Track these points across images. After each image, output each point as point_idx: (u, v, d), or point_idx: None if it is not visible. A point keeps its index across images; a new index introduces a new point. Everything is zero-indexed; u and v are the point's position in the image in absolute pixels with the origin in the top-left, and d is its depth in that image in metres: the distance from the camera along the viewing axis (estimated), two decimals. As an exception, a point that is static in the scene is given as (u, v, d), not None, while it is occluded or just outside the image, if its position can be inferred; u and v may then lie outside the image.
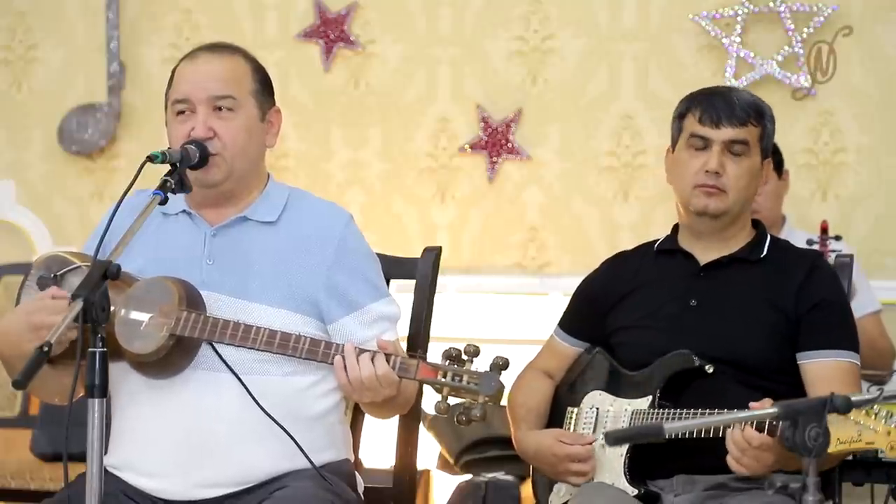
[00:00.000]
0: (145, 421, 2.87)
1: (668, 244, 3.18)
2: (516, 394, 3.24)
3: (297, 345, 2.77)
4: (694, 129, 3.07)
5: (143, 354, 2.78)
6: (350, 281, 2.92)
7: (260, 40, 5.33)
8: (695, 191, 3.06)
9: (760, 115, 3.08)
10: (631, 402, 3.03)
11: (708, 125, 3.05)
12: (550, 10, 5.18)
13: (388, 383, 2.74)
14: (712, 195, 3.05)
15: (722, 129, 3.04)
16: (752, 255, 3.09)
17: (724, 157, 3.04)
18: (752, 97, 3.12)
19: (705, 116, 3.06)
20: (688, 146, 3.09)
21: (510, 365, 2.67)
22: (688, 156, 3.08)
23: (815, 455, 2.23)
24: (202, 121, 2.88)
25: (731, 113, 3.04)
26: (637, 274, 3.16)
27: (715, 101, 3.07)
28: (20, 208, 5.64)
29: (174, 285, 2.80)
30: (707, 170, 3.03)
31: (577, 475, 3.03)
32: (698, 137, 3.06)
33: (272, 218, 2.95)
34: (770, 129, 3.11)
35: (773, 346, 2.99)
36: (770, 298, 3.02)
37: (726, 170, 3.04)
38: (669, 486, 2.98)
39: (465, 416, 2.66)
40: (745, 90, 3.16)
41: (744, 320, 3.01)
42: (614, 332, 3.15)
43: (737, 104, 3.05)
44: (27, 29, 5.66)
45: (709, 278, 3.09)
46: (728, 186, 3.04)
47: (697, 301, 3.06)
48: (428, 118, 5.30)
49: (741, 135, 3.04)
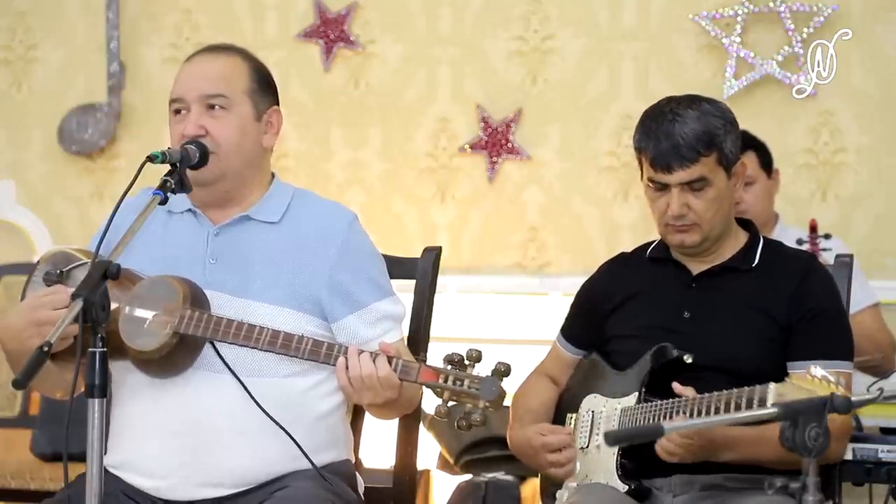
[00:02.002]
0: (146, 420, 2.87)
1: (660, 252, 3.16)
2: (519, 395, 3.25)
3: (299, 345, 2.77)
4: (649, 174, 3.02)
5: (145, 352, 2.78)
6: (353, 280, 2.92)
7: (260, 40, 5.33)
8: (667, 228, 3.04)
9: (710, 143, 2.98)
10: (620, 400, 3.03)
11: (660, 171, 2.99)
12: (550, 10, 5.18)
13: (389, 385, 2.73)
14: (684, 231, 3.02)
15: (674, 174, 2.98)
16: (743, 264, 3.07)
17: (685, 195, 2.99)
18: (698, 121, 2.98)
19: (655, 164, 2.99)
20: (648, 186, 3.04)
21: (512, 370, 2.67)
22: (652, 195, 3.04)
23: (816, 455, 2.23)
24: (193, 119, 2.89)
25: (678, 156, 2.96)
26: (632, 282, 3.15)
27: (661, 144, 2.98)
28: (20, 208, 5.64)
29: (179, 284, 2.81)
30: (672, 214, 3.00)
31: (554, 465, 3.04)
32: (655, 182, 3.02)
33: (275, 217, 2.95)
34: (727, 145, 3.01)
35: (767, 355, 2.98)
36: (762, 307, 3.00)
37: (691, 206, 2.99)
38: (667, 485, 2.98)
39: (466, 420, 2.66)
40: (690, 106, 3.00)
41: (736, 330, 3.00)
42: (610, 340, 3.15)
43: (682, 143, 2.96)
44: (27, 29, 5.66)
45: (701, 289, 3.07)
46: (697, 219, 3.00)
47: (690, 313, 3.05)
48: (428, 118, 5.30)
49: (695, 173, 2.97)
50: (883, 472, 3.49)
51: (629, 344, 3.09)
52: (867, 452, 3.53)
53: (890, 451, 3.52)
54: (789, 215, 4.72)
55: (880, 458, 3.51)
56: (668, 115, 3.02)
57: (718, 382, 2.89)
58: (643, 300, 3.12)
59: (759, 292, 3.02)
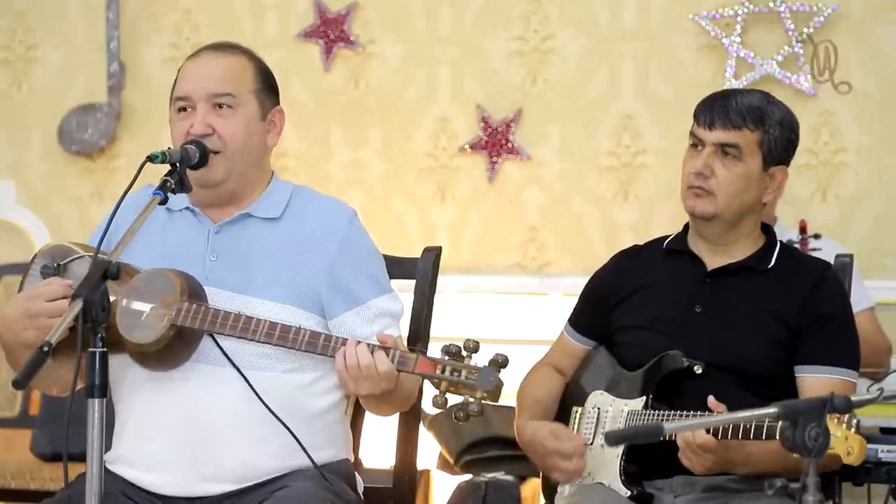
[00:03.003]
0: (146, 415, 2.87)
1: (678, 244, 3.17)
2: (525, 384, 3.25)
3: (296, 337, 2.77)
4: (693, 129, 3.08)
5: (143, 344, 2.78)
6: (353, 276, 2.92)
7: (260, 40, 5.33)
8: (688, 192, 3.07)
9: (760, 120, 3.04)
10: (627, 402, 3.03)
11: (702, 126, 3.05)
12: (550, 10, 5.18)
13: (386, 376, 2.73)
14: (700, 196, 3.04)
15: (713, 132, 3.03)
16: (759, 265, 3.08)
17: (714, 158, 3.03)
18: (759, 101, 3.07)
19: (701, 118, 3.06)
20: (689, 146, 3.10)
21: (510, 363, 2.67)
22: (687, 156, 3.09)
23: (816, 455, 2.23)
24: (201, 118, 2.89)
25: (724, 115, 3.03)
26: (645, 272, 3.16)
27: (714, 103, 3.07)
28: (20, 208, 5.64)
29: (176, 277, 2.81)
30: (693, 171, 3.04)
31: (562, 472, 3.04)
32: (694, 137, 3.08)
33: (275, 214, 2.95)
34: (775, 134, 3.06)
35: (774, 357, 2.99)
36: (774, 309, 3.01)
37: (715, 172, 3.02)
38: (669, 486, 2.99)
39: (463, 411, 2.66)
40: (761, 93, 3.12)
41: (746, 330, 3.01)
42: (618, 331, 3.15)
43: (733, 107, 3.03)
44: (27, 29, 5.66)
45: (715, 285, 3.08)
46: (716, 188, 3.02)
47: (702, 307, 3.05)
48: (428, 118, 5.30)
49: (732, 138, 3.02)
50: (883, 472, 3.49)
51: (638, 335, 3.09)
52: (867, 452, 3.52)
53: (890, 451, 3.51)
54: (789, 215, 4.72)
55: (880, 458, 3.51)
56: (729, 91, 3.14)
57: (725, 383, 2.90)
58: (655, 291, 3.12)
59: (773, 295, 3.03)
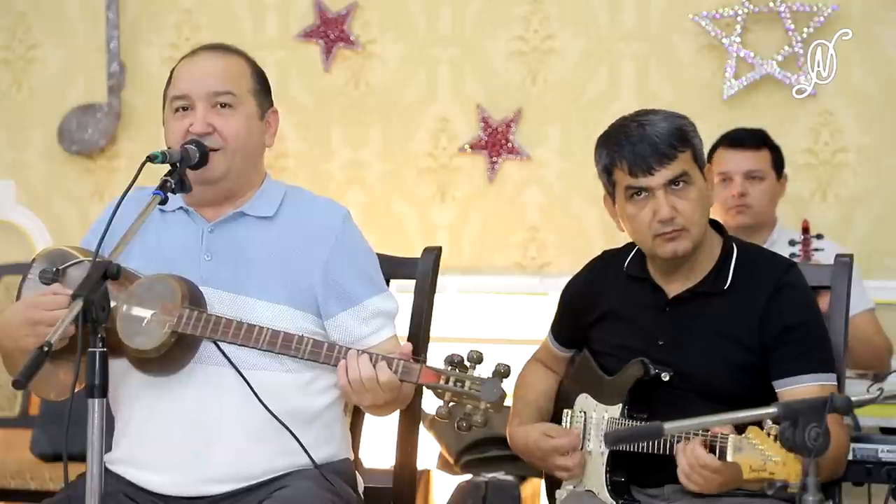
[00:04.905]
0: (147, 415, 2.87)
1: (637, 270, 3.08)
2: (516, 387, 3.23)
3: (299, 346, 2.77)
4: (628, 182, 2.93)
5: (144, 351, 2.78)
6: (347, 276, 2.92)
7: (260, 40, 5.33)
8: (656, 241, 2.95)
9: (684, 138, 2.93)
10: (608, 408, 3.01)
11: (641, 175, 2.91)
12: (550, 10, 5.18)
13: (389, 388, 2.74)
14: (675, 239, 2.93)
15: (657, 174, 2.91)
16: (716, 286, 2.99)
17: (670, 198, 2.92)
18: (668, 121, 2.95)
19: (635, 168, 2.91)
20: (628, 199, 2.97)
21: (511, 372, 2.67)
22: (634, 208, 2.96)
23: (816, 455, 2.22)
24: (201, 117, 2.89)
25: (658, 153, 2.90)
26: (610, 294, 3.09)
27: (637, 146, 2.91)
28: (20, 208, 5.65)
29: (177, 283, 2.81)
30: (660, 220, 2.92)
31: (562, 469, 3.03)
32: (636, 189, 2.94)
33: (269, 213, 2.95)
34: (698, 143, 2.97)
35: (740, 381, 2.93)
36: (732, 333, 2.94)
37: (678, 209, 2.92)
38: (661, 494, 2.97)
39: (467, 421, 2.66)
40: (658, 112, 2.96)
41: (709, 359, 2.94)
42: (592, 350, 3.13)
43: (659, 141, 2.90)
44: (27, 29, 5.67)
45: (674, 314, 3.00)
46: (686, 223, 2.93)
47: (664, 341, 2.99)
48: (428, 118, 5.30)
49: (677, 169, 2.91)
50: (883, 472, 3.49)
51: (609, 360, 3.05)
52: (867, 452, 3.53)
53: (890, 451, 3.52)
54: (789, 215, 4.72)
55: (880, 458, 3.51)
56: (633, 125, 2.96)
57: (695, 403, 2.87)
58: (621, 318, 3.06)
59: (730, 318, 2.95)
